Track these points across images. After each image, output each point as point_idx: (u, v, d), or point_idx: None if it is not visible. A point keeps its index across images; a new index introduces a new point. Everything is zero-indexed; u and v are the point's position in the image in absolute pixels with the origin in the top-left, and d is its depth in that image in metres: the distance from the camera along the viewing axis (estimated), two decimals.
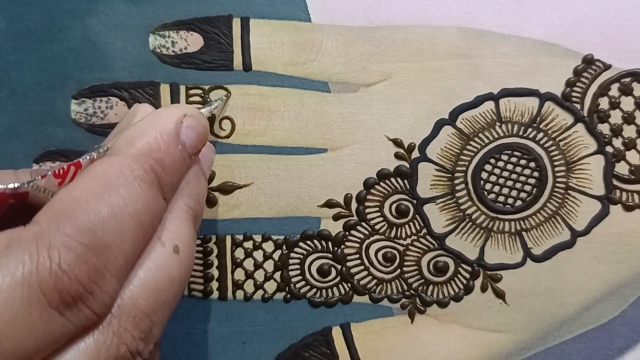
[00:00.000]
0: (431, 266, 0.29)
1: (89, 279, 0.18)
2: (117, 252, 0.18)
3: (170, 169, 0.21)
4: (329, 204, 0.28)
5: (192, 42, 0.28)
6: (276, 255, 0.28)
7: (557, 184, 0.29)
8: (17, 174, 0.23)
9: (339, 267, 0.28)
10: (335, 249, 0.28)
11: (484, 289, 0.29)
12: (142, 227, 0.19)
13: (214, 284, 0.28)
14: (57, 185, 0.20)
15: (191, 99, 0.28)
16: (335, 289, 0.29)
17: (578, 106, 0.29)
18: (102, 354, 0.18)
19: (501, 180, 0.29)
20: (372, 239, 0.29)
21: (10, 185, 0.19)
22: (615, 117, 0.29)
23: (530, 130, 0.29)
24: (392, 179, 0.28)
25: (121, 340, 0.19)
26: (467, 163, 0.29)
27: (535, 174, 0.29)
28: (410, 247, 0.29)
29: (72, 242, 0.17)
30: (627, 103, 0.29)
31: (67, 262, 0.17)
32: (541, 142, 0.29)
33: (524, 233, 0.29)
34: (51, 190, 0.20)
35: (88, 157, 0.21)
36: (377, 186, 0.28)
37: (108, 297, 0.18)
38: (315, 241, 0.28)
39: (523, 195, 0.29)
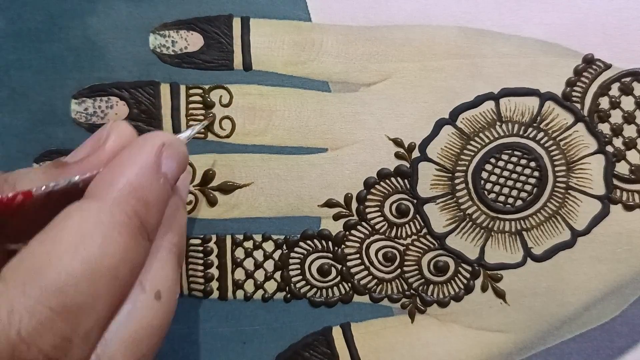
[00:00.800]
0: (431, 266, 0.29)
1: (53, 348, 0.16)
2: (89, 313, 0.17)
3: (154, 208, 0.20)
4: (329, 204, 0.28)
5: (192, 41, 0.28)
6: (276, 255, 0.28)
7: (558, 184, 0.29)
8: None
9: (339, 266, 0.28)
10: (336, 248, 0.28)
11: (484, 289, 0.29)
12: (119, 281, 0.18)
13: (214, 284, 0.28)
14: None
15: (191, 98, 0.28)
16: (335, 288, 0.29)
17: (578, 106, 0.29)
18: None
19: (501, 180, 0.29)
20: (372, 238, 0.29)
21: None
22: (616, 116, 0.29)
23: (530, 129, 0.29)
24: (393, 179, 0.28)
25: None
26: (467, 163, 0.29)
27: (536, 173, 0.29)
28: (410, 247, 0.29)
29: (37, 306, 0.16)
30: (628, 103, 0.29)
31: (27, 330, 0.15)
32: (541, 142, 0.29)
33: (524, 233, 0.29)
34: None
35: (43, 188, 0.19)
36: (377, 186, 0.28)
37: None
38: (315, 241, 0.28)
39: (523, 195, 0.29)
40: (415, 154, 0.28)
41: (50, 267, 0.16)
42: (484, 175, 0.29)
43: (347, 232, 0.28)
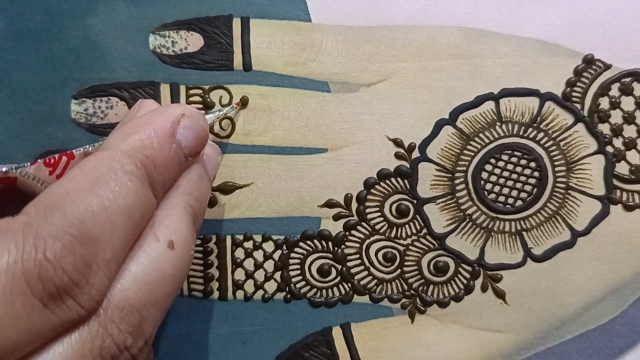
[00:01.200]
0: (431, 266, 0.29)
1: (75, 270, 0.17)
2: (106, 245, 0.18)
3: (162, 167, 0.21)
4: (329, 204, 0.28)
5: (192, 42, 0.28)
6: (276, 255, 0.28)
7: (558, 184, 0.29)
8: None
9: (339, 267, 0.28)
10: (336, 249, 0.28)
11: (484, 289, 0.29)
12: (132, 220, 0.19)
13: (214, 284, 0.28)
14: (47, 174, 0.20)
15: (191, 99, 0.28)
16: (335, 289, 0.29)
17: (578, 106, 0.29)
18: (86, 345, 0.17)
19: (501, 180, 0.29)
20: (372, 239, 0.29)
21: None
22: (616, 117, 0.29)
23: (530, 130, 0.29)
24: (393, 179, 0.28)
25: (106, 331, 0.18)
26: (467, 163, 0.29)
27: (536, 173, 0.29)
28: (410, 247, 0.29)
29: (59, 231, 0.17)
30: (628, 103, 0.29)
31: (52, 252, 0.17)
32: (541, 142, 0.29)
33: (524, 233, 0.29)
34: (40, 178, 0.20)
35: (82, 150, 0.21)
36: (377, 186, 0.28)
37: (96, 291, 0.18)
38: (315, 241, 0.28)
39: (523, 195, 0.29)
40: (415, 154, 0.28)
41: (69, 201, 0.18)
42: (484, 175, 0.29)
43: (347, 233, 0.28)
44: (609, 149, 0.29)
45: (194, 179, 0.23)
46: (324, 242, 0.28)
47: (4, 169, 0.19)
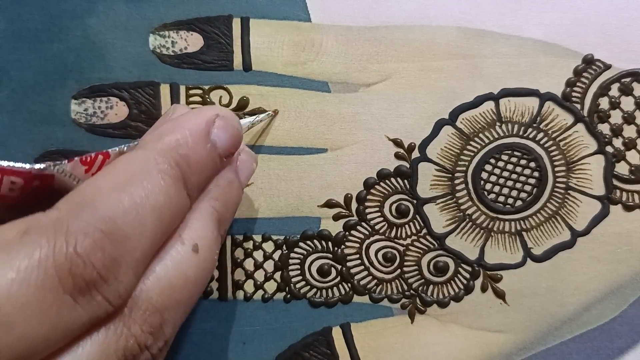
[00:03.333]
0: (431, 266, 0.29)
1: (104, 266, 0.17)
2: (135, 244, 0.18)
3: (197, 167, 0.21)
4: (329, 204, 0.28)
5: (192, 42, 0.28)
6: (276, 256, 0.28)
7: (557, 184, 0.29)
8: None
9: (339, 267, 0.28)
10: (336, 249, 0.28)
11: (484, 289, 0.29)
12: (162, 221, 0.19)
13: (214, 284, 0.28)
14: (83, 172, 0.20)
15: (191, 99, 0.28)
16: (335, 289, 0.29)
17: (578, 106, 0.29)
18: (111, 344, 0.18)
19: (501, 180, 0.29)
20: (372, 239, 0.29)
21: (37, 166, 0.19)
22: (616, 117, 0.29)
23: (530, 130, 0.29)
24: (392, 179, 0.28)
25: (130, 331, 0.18)
26: (467, 163, 0.29)
27: (536, 174, 0.29)
28: (410, 247, 0.29)
29: (90, 228, 0.17)
30: (628, 103, 0.29)
31: (83, 247, 0.17)
32: (541, 142, 0.29)
33: (524, 233, 0.29)
34: (77, 176, 0.20)
35: (117, 149, 0.21)
36: (377, 186, 0.28)
37: (123, 288, 0.18)
38: (315, 241, 0.28)
39: (523, 195, 0.29)
40: (415, 154, 0.28)
41: (100, 198, 0.18)
42: (484, 175, 0.29)
43: (347, 233, 0.28)
44: (609, 149, 0.29)
45: (223, 184, 0.23)
46: (323, 242, 0.28)
47: (42, 166, 0.19)
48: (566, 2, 0.28)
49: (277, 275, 0.28)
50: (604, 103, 0.29)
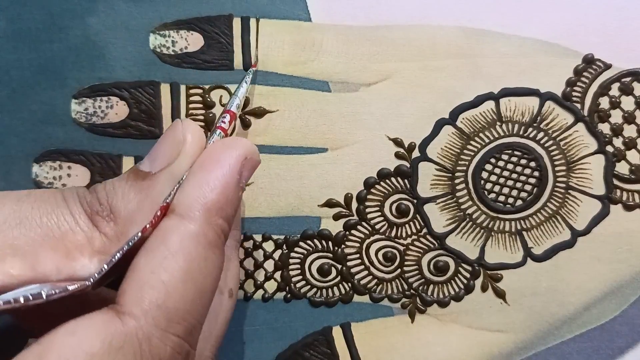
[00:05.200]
0: (431, 266, 0.29)
1: None
2: (200, 326, 0.19)
3: (233, 219, 0.21)
4: (330, 204, 0.28)
5: (192, 41, 0.28)
6: (276, 255, 0.28)
7: (558, 184, 0.29)
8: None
9: (339, 266, 0.28)
10: (336, 248, 0.28)
11: (484, 289, 0.29)
12: (215, 290, 0.20)
13: None
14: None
15: (191, 98, 0.28)
16: (335, 288, 0.28)
17: (578, 106, 0.29)
18: None
19: (501, 180, 0.29)
20: (372, 238, 0.29)
21: (87, 280, 0.19)
22: (616, 116, 0.29)
23: (530, 129, 0.29)
24: (393, 179, 0.28)
25: None
26: (467, 162, 0.29)
27: (536, 173, 0.29)
28: (410, 247, 0.29)
29: (168, 337, 0.18)
30: (628, 102, 0.29)
31: (166, 358, 0.18)
32: (541, 142, 0.29)
33: (524, 233, 0.29)
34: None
35: (95, 277, 0.19)
36: (377, 186, 0.28)
37: None
38: (315, 241, 0.28)
39: (523, 194, 0.29)
40: (416, 153, 0.28)
41: (170, 298, 0.18)
42: (484, 175, 0.29)
43: (347, 232, 0.28)
44: (609, 148, 0.29)
45: (238, 212, 0.23)
46: (324, 242, 0.28)
47: (94, 277, 0.19)
48: (566, 1, 0.28)
49: (278, 275, 0.28)
50: (604, 102, 0.29)
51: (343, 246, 0.28)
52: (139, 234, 0.19)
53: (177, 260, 0.19)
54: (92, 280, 0.18)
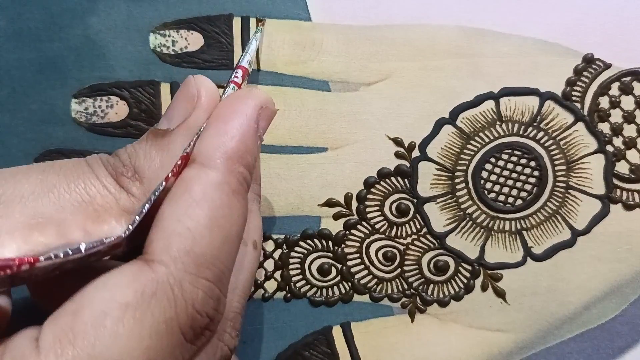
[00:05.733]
0: (431, 265, 0.29)
1: (214, 311, 0.19)
2: (228, 273, 0.19)
3: (253, 168, 0.21)
4: (330, 203, 0.28)
5: (192, 41, 0.28)
6: (276, 255, 0.28)
7: (558, 183, 0.29)
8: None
9: (339, 266, 0.28)
10: (336, 248, 0.28)
11: (484, 288, 0.29)
12: (241, 237, 0.20)
13: None
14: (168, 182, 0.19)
15: None
16: (335, 288, 0.28)
17: (578, 105, 0.29)
18: (210, 358, 0.19)
19: (501, 180, 0.29)
20: (372, 238, 0.29)
21: (122, 232, 0.19)
22: (616, 116, 0.29)
23: (530, 129, 0.29)
24: (393, 178, 0.28)
25: (224, 342, 0.20)
26: (467, 162, 0.29)
27: (536, 173, 0.29)
28: (410, 246, 0.29)
29: (199, 281, 0.18)
30: (628, 102, 0.29)
31: (198, 302, 0.18)
32: (541, 141, 0.29)
33: (524, 232, 0.29)
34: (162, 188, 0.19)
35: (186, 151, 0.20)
36: (377, 185, 0.28)
37: (221, 315, 0.19)
38: (315, 240, 0.28)
39: (523, 194, 0.29)
40: (416, 153, 0.28)
41: (197, 244, 0.18)
42: (484, 174, 0.29)
43: (347, 232, 0.28)
44: (609, 148, 0.29)
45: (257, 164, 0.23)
46: (324, 241, 0.28)
47: (130, 227, 0.19)
48: (566, 1, 0.29)
49: (278, 275, 0.28)
50: (604, 102, 0.29)
51: (343, 246, 0.28)
52: (163, 184, 0.19)
53: (202, 207, 0.19)
54: (127, 232, 0.19)
